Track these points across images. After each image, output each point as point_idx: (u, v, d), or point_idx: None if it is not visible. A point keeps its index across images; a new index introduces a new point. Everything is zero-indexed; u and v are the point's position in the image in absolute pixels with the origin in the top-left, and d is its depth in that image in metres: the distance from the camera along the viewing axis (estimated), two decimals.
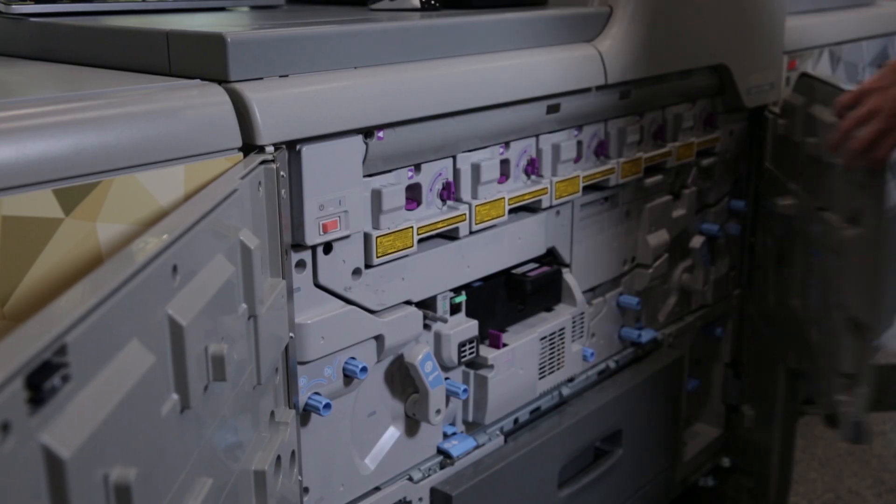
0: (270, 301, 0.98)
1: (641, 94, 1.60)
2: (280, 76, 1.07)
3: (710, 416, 2.10)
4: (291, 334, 1.09)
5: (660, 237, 1.75)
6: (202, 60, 1.04)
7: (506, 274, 1.44)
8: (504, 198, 1.36)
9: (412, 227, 1.23)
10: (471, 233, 1.33)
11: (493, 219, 1.35)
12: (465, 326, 1.35)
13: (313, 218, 1.09)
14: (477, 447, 1.42)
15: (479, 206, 1.33)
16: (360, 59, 1.17)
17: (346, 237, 1.15)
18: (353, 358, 1.20)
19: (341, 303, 1.18)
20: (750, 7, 1.81)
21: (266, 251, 1.01)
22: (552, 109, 1.42)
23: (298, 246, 1.10)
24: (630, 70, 1.53)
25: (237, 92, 1.01)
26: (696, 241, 1.85)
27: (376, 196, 1.19)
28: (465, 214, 1.31)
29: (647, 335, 1.74)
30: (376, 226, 1.20)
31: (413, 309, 1.27)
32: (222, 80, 1.02)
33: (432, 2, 1.47)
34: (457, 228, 1.31)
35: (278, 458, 1.00)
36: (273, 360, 1.01)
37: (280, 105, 1.03)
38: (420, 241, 1.25)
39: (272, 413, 1.03)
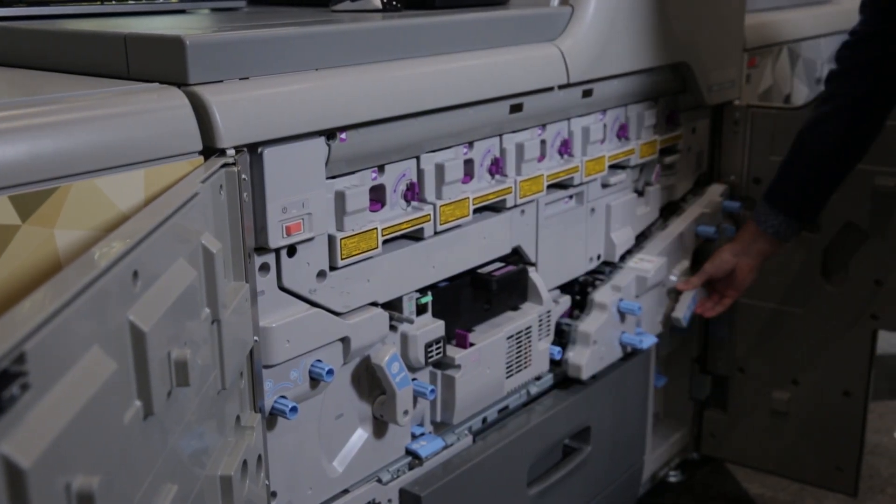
0: (234, 305, 0.97)
1: (604, 93, 1.61)
2: (240, 79, 1.07)
3: (678, 412, 2.12)
4: (256, 338, 1.08)
5: (625, 234, 1.76)
6: (161, 64, 1.03)
7: (471, 274, 1.44)
8: (468, 198, 1.37)
9: (376, 228, 1.23)
10: (436, 233, 1.33)
11: (457, 219, 1.35)
12: (431, 327, 1.35)
13: (276, 221, 1.09)
14: (445, 447, 1.42)
15: (444, 207, 1.33)
16: (322, 60, 1.16)
17: (310, 239, 1.14)
18: (319, 360, 1.20)
19: (306, 305, 1.17)
20: (710, 6, 1.83)
21: (229, 255, 1.01)
22: (515, 109, 1.43)
23: (262, 249, 1.10)
24: (592, 69, 1.54)
25: (197, 95, 1.00)
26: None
27: (340, 198, 1.19)
28: (429, 215, 1.31)
29: (647, 340, 1.73)
30: (340, 228, 1.20)
31: (379, 310, 1.27)
32: (182, 84, 1.01)
33: (394, 3, 1.46)
34: (421, 229, 1.31)
35: (244, 462, 0.99)
36: (238, 365, 1.01)
37: (241, 108, 1.02)
38: (385, 242, 1.25)
39: (238, 418, 1.03)
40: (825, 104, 1.64)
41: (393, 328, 1.31)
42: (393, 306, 1.31)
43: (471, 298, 1.45)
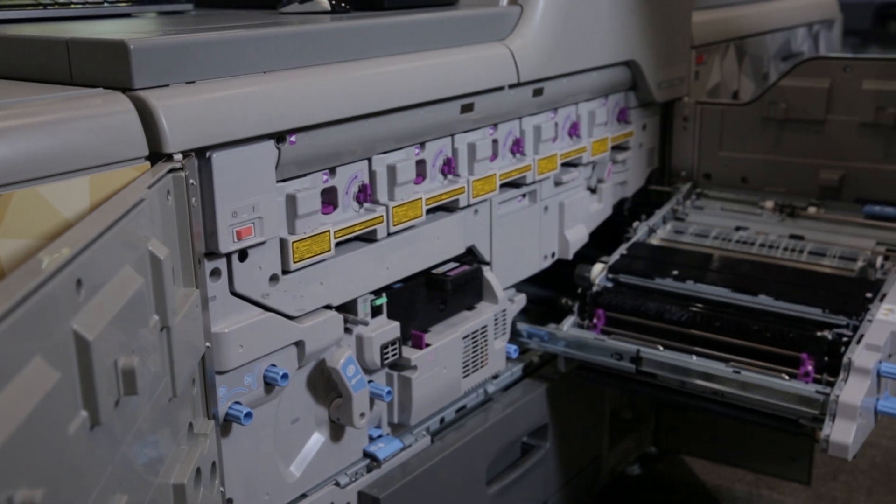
0: (184, 311, 0.96)
1: (554, 91, 1.62)
2: (187, 83, 1.06)
3: (636, 406, 2.13)
4: (208, 344, 1.07)
5: (578, 232, 1.77)
6: (104, 68, 1.02)
7: (426, 274, 1.44)
8: (421, 198, 1.37)
9: (329, 230, 1.22)
10: (389, 234, 1.33)
11: (410, 220, 1.35)
12: (386, 328, 1.34)
13: (226, 225, 1.08)
14: (403, 448, 1.42)
15: (397, 208, 1.33)
16: (270, 63, 1.16)
17: (262, 243, 1.14)
18: (273, 365, 1.19)
19: (259, 310, 1.16)
20: (657, 4, 1.85)
21: (178, 261, 0.99)
22: (466, 109, 1.43)
23: (212, 254, 1.09)
24: (542, 68, 1.55)
25: (142, 100, 0.99)
26: None
27: (291, 201, 1.18)
28: (382, 216, 1.31)
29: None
30: (292, 231, 1.19)
31: (333, 313, 1.27)
32: (126, 89, 1.00)
33: (342, 4, 1.46)
34: (374, 230, 1.31)
35: (198, 470, 0.98)
36: (189, 371, 1.00)
37: (187, 112, 1.01)
38: (338, 244, 1.25)
39: (191, 425, 1.01)
40: None
41: (348, 331, 1.31)
42: (347, 309, 1.31)
43: (426, 299, 1.45)
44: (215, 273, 1.10)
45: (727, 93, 2.25)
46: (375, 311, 1.35)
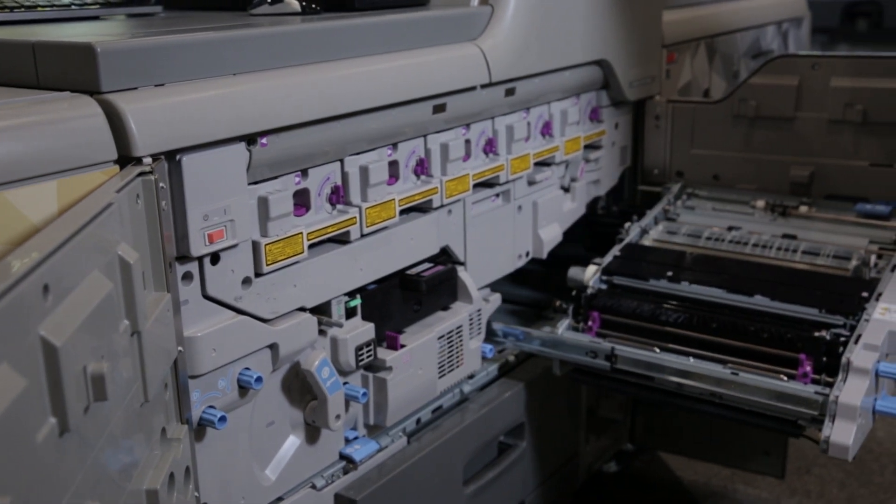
0: (155, 315, 0.96)
1: (527, 91, 1.62)
2: (156, 85, 1.05)
3: (612, 403, 2.14)
4: (180, 348, 1.07)
5: (552, 231, 1.78)
6: (72, 72, 1.01)
7: (400, 275, 1.44)
8: (394, 199, 1.37)
9: (301, 233, 1.22)
10: (362, 236, 1.33)
11: (383, 221, 1.35)
12: (361, 330, 1.34)
13: (198, 228, 1.07)
14: (380, 450, 1.42)
15: (370, 209, 1.32)
16: (240, 65, 1.15)
17: (234, 246, 1.13)
18: (247, 368, 1.18)
19: (232, 313, 1.16)
20: (628, 3, 1.86)
21: (148, 265, 0.99)
22: (438, 109, 1.43)
23: (184, 258, 1.08)
24: (513, 67, 1.55)
25: (110, 103, 0.98)
26: None
27: (263, 203, 1.18)
28: (355, 218, 1.31)
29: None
30: (264, 233, 1.19)
31: (307, 315, 1.26)
32: (94, 92, 0.99)
33: (313, 5, 1.46)
34: (348, 232, 1.31)
35: (172, 475, 0.97)
36: (161, 376, 0.99)
37: (156, 115, 1.01)
38: (311, 246, 1.25)
39: (163, 430, 1.01)
40: None
41: (322, 333, 1.31)
42: (321, 311, 1.30)
43: (400, 300, 1.45)
44: (187, 277, 1.10)
45: (698, 91, 2.27)
46: (350, 313, 1.34)
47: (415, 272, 1.46)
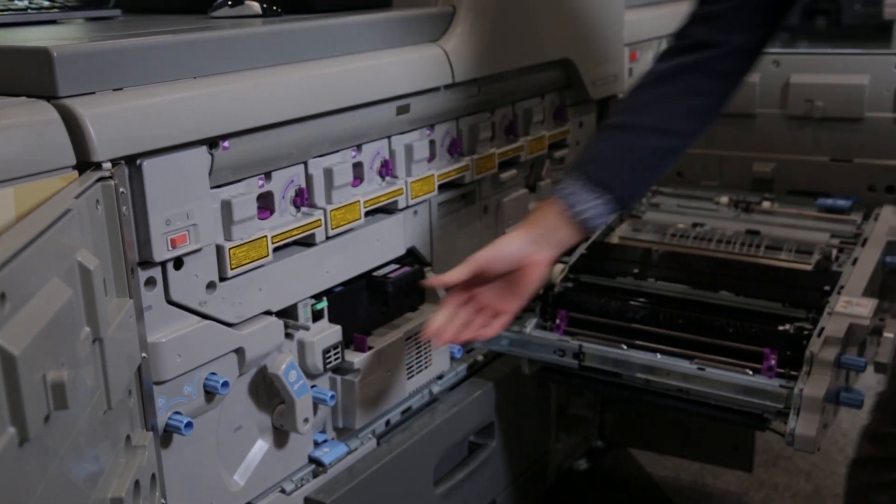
0: (117, 322, 0.95)
1: (490, 91, 1.63)
2: (114, 90, 1.04)
3: (581, 401, 2.16)
4: (144, 354, 1.06)
5: None
6: (28, 76, 1.00)
7: (367, 277, 1.44)
8: (359, 201, 1.36)
9: (266, 236, 1.21)
10: (327, 238, 1.33)
11: (349, 223, 1.35)
12: (328, 332, 1.34)
13: (160, 233, 1.06)
14: (349, 452, 1.41)
15: (334, 211, 1.32)
16: (200, 68, 1.14)
17: (197, 251, 1.12)
18: (213, 373, 1.17)
19: (197, 318, 1.15)
20: (591, 3, 1.87)
21: (110, 271, 0.98)
22: (402, 110, 1.43)
23: (147, 263, 1.07)
24: (477, 67, 1.55)
25: (67, 108, 0.97)
26: None
27: (226, 207, 1.17)
28: (320, 220, 1.30)
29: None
30: (228, 237, 1.18)
31: (273, 319, 1.26)
32: (51, 97, 0.98)
33: (273, 7, 1.45)
34: (313, 234, 1.30)
35: (137, 483, 0.96)
36: (125, 383, 0.98)
37: (115, 119, 1.00)
38: (276, 249, 1.24)
39: (128, 437, 1.00)
40: (690, 52, 1.30)
41: (289, 336, 1.30)
42: (288, 314, 1.30)
43: (367, 302, 1.45)
44: (150, 282, 1.09)
45: None
46: (316, 316, 1.34)
47: (381, 274, 1.46)
